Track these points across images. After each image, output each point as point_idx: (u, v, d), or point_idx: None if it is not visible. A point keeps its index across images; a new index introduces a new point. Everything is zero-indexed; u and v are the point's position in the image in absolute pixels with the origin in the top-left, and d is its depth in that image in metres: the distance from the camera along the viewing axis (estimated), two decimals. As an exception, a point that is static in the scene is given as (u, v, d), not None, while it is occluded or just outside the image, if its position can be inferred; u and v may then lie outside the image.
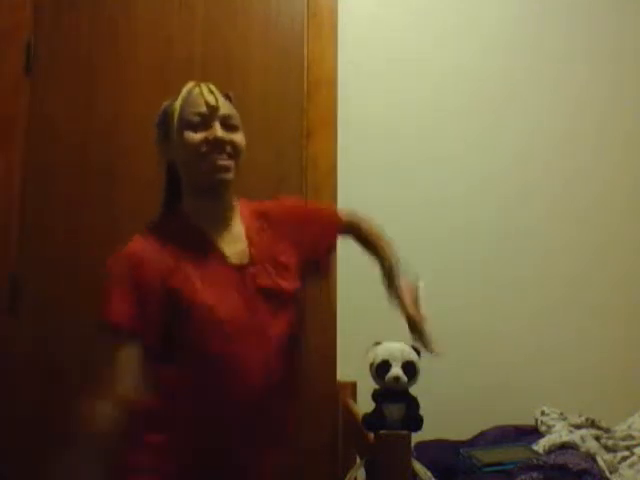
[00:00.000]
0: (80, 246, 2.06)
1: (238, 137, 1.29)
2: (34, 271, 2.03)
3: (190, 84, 1.29)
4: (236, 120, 1.30)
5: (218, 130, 1.25)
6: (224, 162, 1.26)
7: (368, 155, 2.14)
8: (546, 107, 2.20)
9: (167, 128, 1.28)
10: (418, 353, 1.33)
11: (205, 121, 1.25)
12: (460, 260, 2.11)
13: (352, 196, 2.12)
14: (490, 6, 2.22)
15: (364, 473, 1.40)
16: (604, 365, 2.10)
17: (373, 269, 2.17)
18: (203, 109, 1.25)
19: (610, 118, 2.21)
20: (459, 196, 2.14)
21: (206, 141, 1.24)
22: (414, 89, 2.18)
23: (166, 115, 1.29)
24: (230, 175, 1.28)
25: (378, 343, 1.36)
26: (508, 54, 2.21)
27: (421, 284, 1.38)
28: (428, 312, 2.06)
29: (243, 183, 2.10)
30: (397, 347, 1.32)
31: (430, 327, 1.29)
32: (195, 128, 1.25)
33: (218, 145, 1.25)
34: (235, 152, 1.28)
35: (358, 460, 1.44)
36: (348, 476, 1.41)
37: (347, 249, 2.08)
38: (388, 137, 2.15)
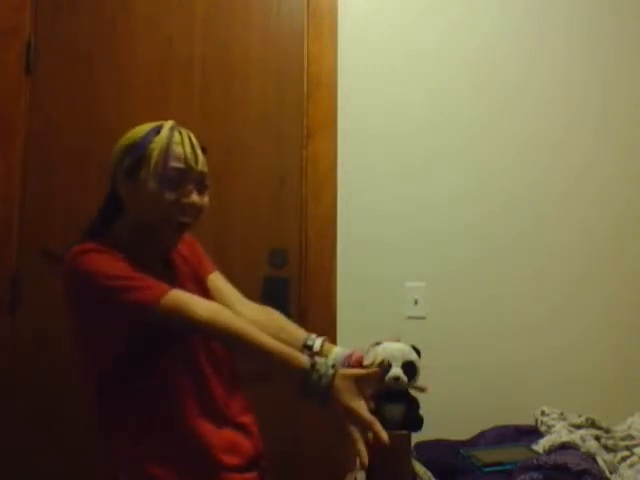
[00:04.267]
0: (80, 246, 2.06)
1: (206, 200, 1.26)
2: (34, 271, 2.04)
3: (168, 125, 1.23)
4: (207, 179, 1.26)
5: (194, 196, 1.22)
6: (187, 220, 1.23)
7: (368, 155, 2.14)
8: (546, 108, 2.19)
9: (136, 167, 1.22)
10: (418, 353, 1.33)
11: (181, 180, 1.20)
12: (460, 260, 2.11)
13: (352, 196, 2.12)
14: (490, 6, 2.21)
15: (364, 473, 1.39)
16: (604, 365, 2.10)
17: (372, 269, 2.16)
18: (182, 166, 1.20)
19: (610, 118, 2.21)
20: (460, 195, 2.14)
21: (178, 204, 1.20)
22: (414, 89, 2.18)
23: (140, 154, 1.22)
24: (185, 233, 1.27)
25: (378, 343, 1.36)
26: (508, 54, 2.20)
27: (414, 284, 1.38)
28: (428, 312, 2.08)
29: (243, 183, 2.13)
30: (397, 347, 1.32)
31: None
32: (169, 185, 1.19)
33: (189, 210, 1.22)
34: (199, 214, 1.25)
35: (358, 460, 1.43)
36: (348, 476, 1.41)
37: (347, 249, 2.09)
38: (388, 137, 2.15)
